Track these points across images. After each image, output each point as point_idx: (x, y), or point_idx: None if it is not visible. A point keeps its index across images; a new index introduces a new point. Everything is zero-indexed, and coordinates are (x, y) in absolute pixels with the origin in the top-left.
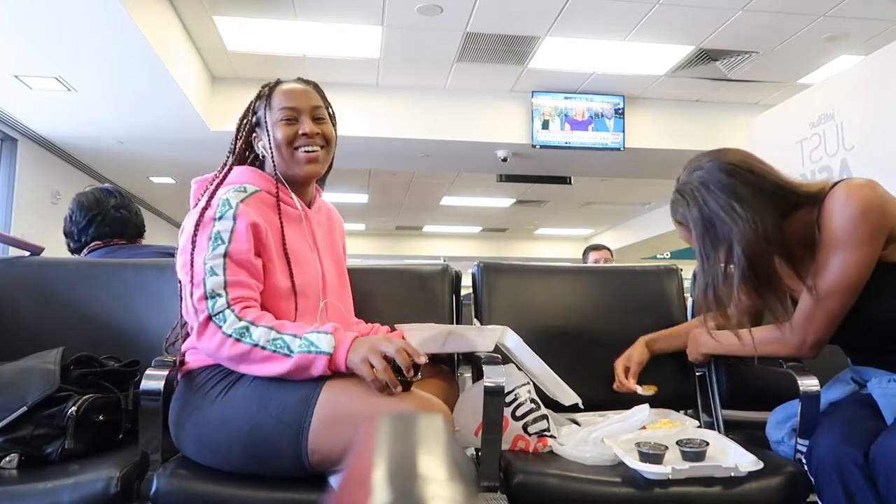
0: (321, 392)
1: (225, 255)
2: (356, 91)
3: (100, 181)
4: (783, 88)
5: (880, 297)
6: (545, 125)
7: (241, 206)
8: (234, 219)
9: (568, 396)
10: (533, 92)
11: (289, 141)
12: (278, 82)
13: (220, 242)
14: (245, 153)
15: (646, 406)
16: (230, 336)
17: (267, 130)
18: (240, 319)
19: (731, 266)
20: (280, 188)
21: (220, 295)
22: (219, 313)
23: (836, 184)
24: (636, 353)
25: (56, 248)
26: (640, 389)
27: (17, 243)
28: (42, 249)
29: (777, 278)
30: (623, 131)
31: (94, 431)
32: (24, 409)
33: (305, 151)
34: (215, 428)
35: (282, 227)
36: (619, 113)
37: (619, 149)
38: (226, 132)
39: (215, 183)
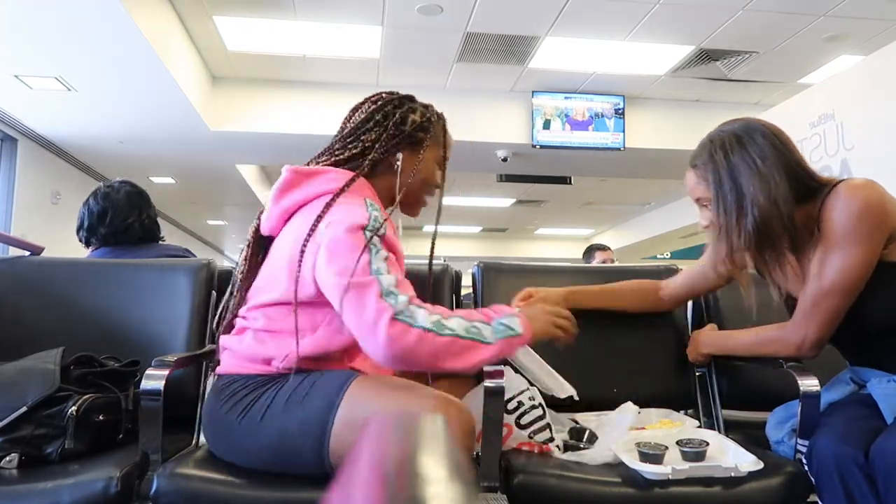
0: (344, 397)
1: (386, 259)
2: (356, 91)
3: (100, 181)
4: (783, 88)
5: (877, 295)
6: (545, 125)
7: (384, 216)
8: (382, 226)
9: (563, 388)
10: (533, 92)
11: (432, 186)
12: (442, 118)
13: (377, 247)
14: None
15: (628, 404)
16: (430, 330)
17: (420, 161)
18: (430, 313)
19: (742, 220)
20: (384, 203)
21: (395, 293)
22: (402, 311)
23: (836, 183)
24: (549, 300)
25: (56, 248)
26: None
27: (17, 243)
28: (42, 249)
29: (780, 246)
30: (623, 131)
31: (94, 431)
32: (24, 409)
33: (426, 201)
34: (243, 438)
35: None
36: (619, 113)
37: (619, 149)
38: (226, 132)
39: (345, 185)
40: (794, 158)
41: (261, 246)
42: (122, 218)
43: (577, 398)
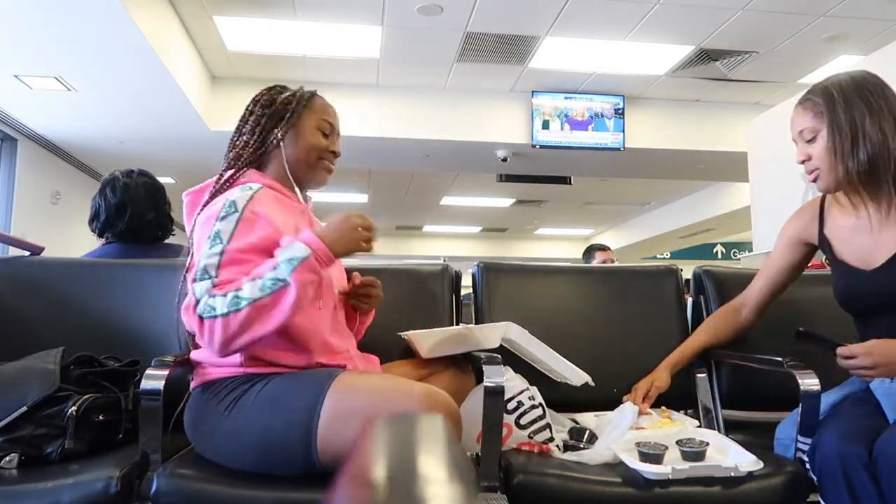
0: (328, 392)
1: (221, 254)
2: (356, 91)
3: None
4: (783, 88)
5: None
6: (545, 125)
7: (254, 200)
8: (235, 207)
9: (578, 376)
10: (533, 92)
11: (320, 150)
12: (314, 92)
13: (217, 239)
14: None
15: (627, 404)
16: (228, 313)
17: (299, 129)
18: (224, 295)
19: (856, 147)
20: (284, 184)
21: (205, 296)
22: (206, 307)
23: None
24: (662, 382)
25: (56, 248)
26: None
27: (17, 243)
28: (42, 249)
29: (883, 186)
30: (623, 131)
31: (94, 431)
32: (24, 408)
33: (327, 164)
34: (228, 437)
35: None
36: (619, 113)
37: (618, 149)
38: (226, 132)
39: (220, 184)
40: None
41: None
42: (141, 214)
43: (592, 384)
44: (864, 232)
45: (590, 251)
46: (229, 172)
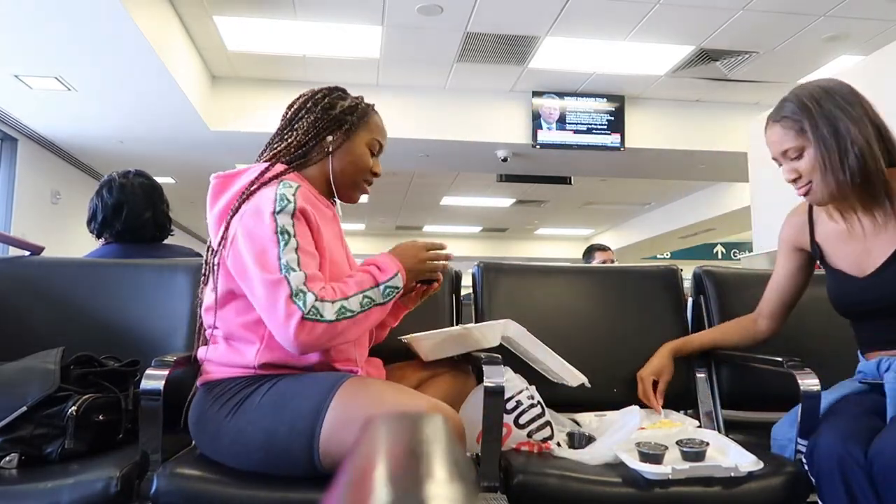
0: (335, 397)
1: (297, 249)
2: (356, 91)
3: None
4: (783, 88)
5: None
6: (545, 125)
7: (298, 198)
8: (290, 203)
9: (575, 377)
10: (533, 92)
11: (366, 171)
12: (373, 107)
13: (287, 235)
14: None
15: (634, 407)
16: (335, 321)
17: (352, 143)
18: (332, 302)
19: (845, 158)
20: (320, 190)
21: (303, 293)
22: (310, 311)
23: None
24: (667, 370)
25: (56, 248)
26: (661, 411)
27: (17, 243)
28: (42, 249)
29: (878, 194)
30: (623, 131)
31: (94, 431)
32: (24, 408)
33: (366, 185)
34: (232, 439)
35: (318, 225)
36: (619, 113)
37: (618, 149)
38: (226, 132)
39: (263, 178)
40: (878, 114)
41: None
42: (138, 213)
43: (588, 385)
44: (855, 239)
45: (590, 251)
46: (277, 168)
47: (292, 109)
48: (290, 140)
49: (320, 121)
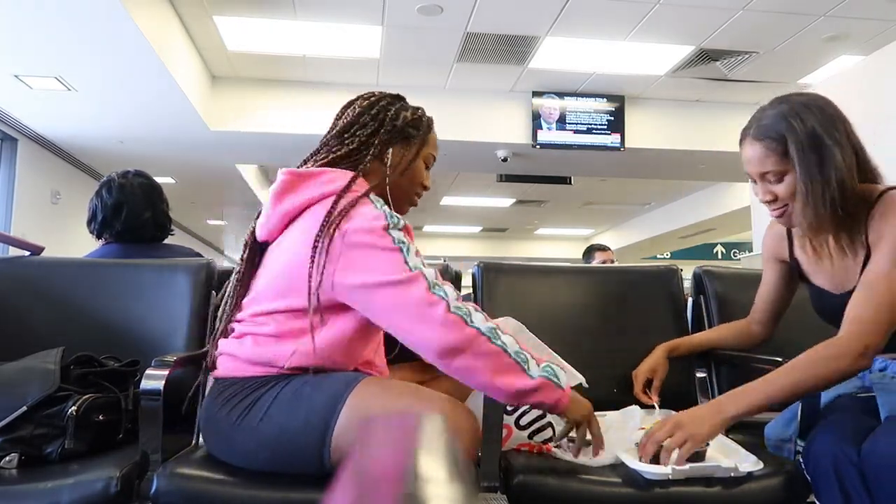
0: (350, 395)
1: (418, 254)
2: (356, 91)
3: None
4: (783, 88)
5: None
6: (545, 125)
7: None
8: (399, 220)
9: (573, 377)
10: (533, 92)
11: (419, 184)
12: (432, 120)
13: (405, 244)
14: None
15: (635, 407)
16: (484, 334)
17: (411, 156)
18: (486, 319)
19: (827, 186)
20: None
21: (440, 286)
22: (457, 305)
23: (884, 192)
24: (661, 368)
25: (56, 248)
26: (657, 406)
27: (17, 243)
28: (42, 249)
29: (859, 220)
30: (623, 131)
31: (94, 431)
32: (24, 408)
33: (417, 199)
34: (245, 437)
35: None
36: (619, 113)
37: (618, 149)
38: (226, 132)
39: (348, 184)
40: (855, 133)
41: (257, 251)
42: (138, 213)
43: (586, 385)
44: (828, 257)
45: (590, 251)
46: (360, 185)
47: (353, 113)
48: (351, 146)
49: (387, 133)
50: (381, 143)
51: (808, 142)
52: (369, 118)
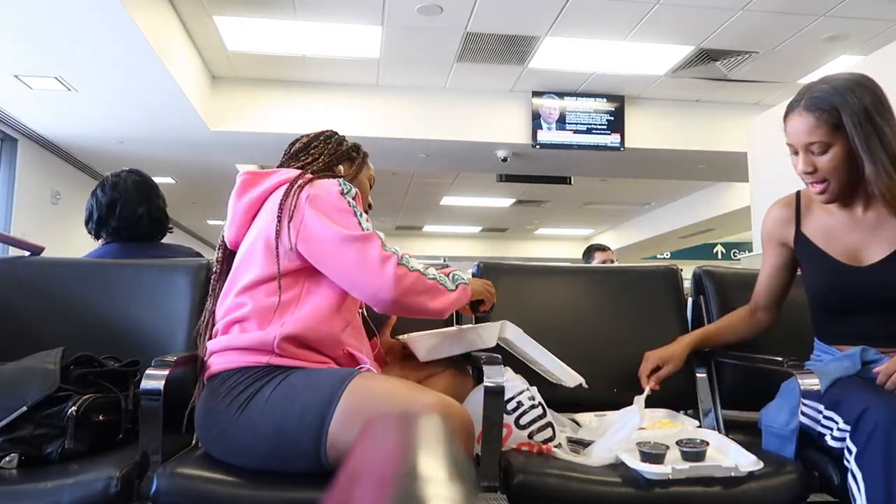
0: (345, 391)
1: (368, 220)
2: (356, 91)
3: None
4: (783, 88)
5: None
6: (545, 125)
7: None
8: (356, 195)
9: (572, 378)
10: (533, 92)
11: (366, 199)
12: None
13: (357, 210)
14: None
15: (635, 407)
16: (422, 273)
17: (357, 174)
18: (410, 255)
19: (879, 155)
20: None
21: (390, 246)
22: (402, 257)
23: None
24: (676, 360)
25: (56, 248)
26: (648, 390)
27: (17, 243)
28: (42, 249)
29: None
30: (622, 131)
31: (94, 431)
32: (24, 408)
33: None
34: (243, 432)
35: None
36: (619, 113)
37: (618, 149)
38: (225, 132)
39: (302, 175)
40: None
41: (227, 254)
42: (132, 209)
43: (586, 386)
44: (856, 229)
45: (590, 251)
46: (305, 172)
47: (305, 140)
48: (306, 160)
49: (334, 152)
50: (330, 159)
51: (864, 116)
52: (320, 143)
